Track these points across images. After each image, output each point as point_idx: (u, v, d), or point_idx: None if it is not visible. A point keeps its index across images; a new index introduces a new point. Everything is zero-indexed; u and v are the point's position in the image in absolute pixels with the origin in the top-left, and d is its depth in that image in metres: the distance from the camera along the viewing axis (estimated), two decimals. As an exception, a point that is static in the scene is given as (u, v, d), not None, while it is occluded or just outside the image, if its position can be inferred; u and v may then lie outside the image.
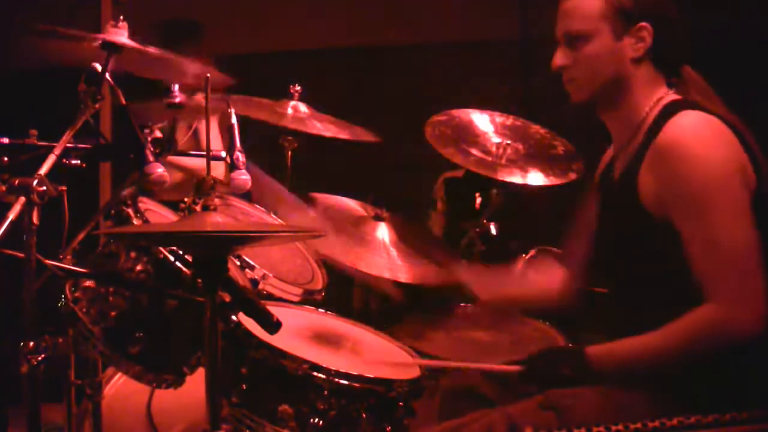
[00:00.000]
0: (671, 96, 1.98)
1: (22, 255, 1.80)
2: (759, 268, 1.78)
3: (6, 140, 2.00)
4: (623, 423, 1.64)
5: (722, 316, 1.78)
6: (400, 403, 2.00)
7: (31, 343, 1.80)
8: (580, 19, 1.97)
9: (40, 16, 1.89)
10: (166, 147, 2.14)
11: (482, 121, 2.97)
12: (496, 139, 2.89)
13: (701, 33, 2.05)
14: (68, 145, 1.90)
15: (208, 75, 1.86)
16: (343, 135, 2.90)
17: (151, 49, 1.96)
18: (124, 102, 2.05)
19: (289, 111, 2.95)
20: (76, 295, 2.02)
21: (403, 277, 2.48)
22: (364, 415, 1.94)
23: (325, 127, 2.90)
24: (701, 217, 1.81)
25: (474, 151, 2.84)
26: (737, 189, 1.82)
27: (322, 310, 2.38)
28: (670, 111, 1.92)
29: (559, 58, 2.01)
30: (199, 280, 1.67)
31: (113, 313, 2.01)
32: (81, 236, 2.10)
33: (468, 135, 2.91)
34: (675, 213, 1.84)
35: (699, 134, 1.86)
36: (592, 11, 1.95)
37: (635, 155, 1.95)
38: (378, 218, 2.67)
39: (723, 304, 1.78)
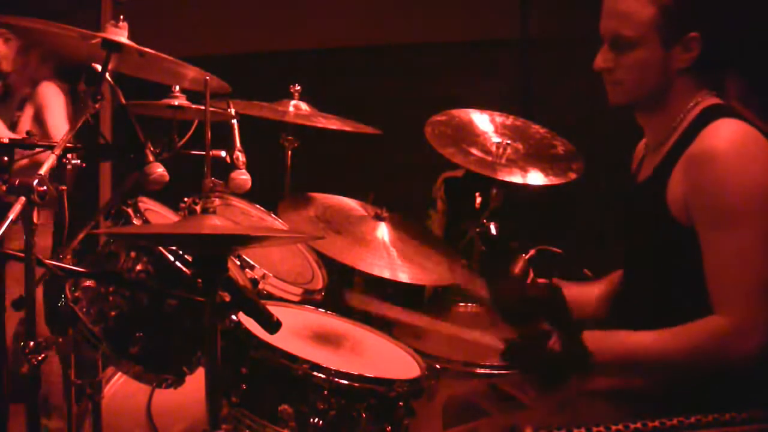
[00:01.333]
0: (709, 99, 1.93)
1: (22, 255, 1.80)
2: None
3: (6, 140, 2.00)
4: (623, 423, 1.64)
5: (729, 330, 1.76)
6: (400, 403, 2.00)
7: (31, 343, 1.80)
8: (631, 25, 1.88)
9: (40, 16, 1.89)
10: (166, 147, 2.14)
11: (482, 121, 2.97)
12: (496, 139, 2.89)
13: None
14: (68, 145, 1.90)
15: (208, 77, 1.86)
16: (347, 127, 2.91)
17: (150, 51, 1.96)
18: (124, 102, 2.05)
19: (291, 110, 2.96)
20: (76, 295, 2.02)
21: (404, 277, 2.48)
22: (364, 415, 1.94)
23: (328, 122, 2.91)
24: (730, 231, 1.77)
25: (474, 151, 2.84)
26: None
27: (322, 310, 2.38)
28: (707, 117, 1.88)
29: (602, 60, 1.94)
30: (199, 280, 1.67)
31: (113, 313, 2.01)
32: (81, 236, 2.10)
33: (468, 135, 2.91)
34: (701, 221, 1.81)
35: (738, 146, 1.81)
36: (643, 18, 1.87)
37: (666, 159, 1.92)
38: (378, 218, 2.67)
39: (732, 318, 1.76)
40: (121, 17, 1.97)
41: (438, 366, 2.31)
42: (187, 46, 3.20)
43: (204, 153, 1.80)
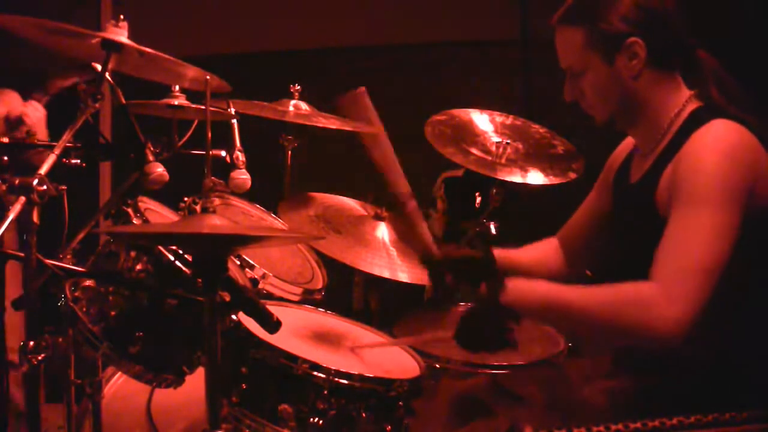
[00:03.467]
0: (694, 102, 1.95)
1: (22, 255, 1.80)
2: (708, 288, 1.74)
3: (6, 140, 2.00)
4: (623, 423, 1.64)
5: (654, 298, 1.73)
6: (400, 403, 2.00)
7: (31, 343, 1.80)
8: (571, 54, 1.97)
9: (39, 16, 1.89)
10: (166, 147, 2.14)
11: (482, 120, 2.97)
12: (496, 139, 2.89)
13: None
14: (68, 144, 1.90)
15: (208, 77, 1.86)
16: (347, 127, 2.91)
17: (150, 50, 1.96)
18: (124, 102, 2.05)
19: (291, 110, 2.96)
20: (76, 295, 2.02)
21: (403, 277, 2.48)
22: (364, 415, 1.94)
23: (328, 122, 2.91)
24: (691, 210, 1.78)
25: (474, 151, 2.84)
26: (734, 212, 1.78)
27: (322, 310, 2.38)
28: (698, 119, 1.89)
29: (568, 93, 2.02)
30: (199, 280, 1.67)
31: (113, 313, 2.01)
32: (81, 236, 2.10)
33: (468, 135, 2.91)
34: (673, 203, 1.83)
35: (724, 144, 1.82)
36: (576, 45, 1.94)
37: (657, 162, 1.93)
38: (378, 218, 2.67)
39: (662, 289, 1.74)
40: (121, 17, 1.97)
41: (438, 366, 2.31)
42: (187, 46, 3.20)
43: (204, 153, 1.80)
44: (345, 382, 1.93)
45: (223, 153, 2.29)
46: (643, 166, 2.00)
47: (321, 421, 1.91)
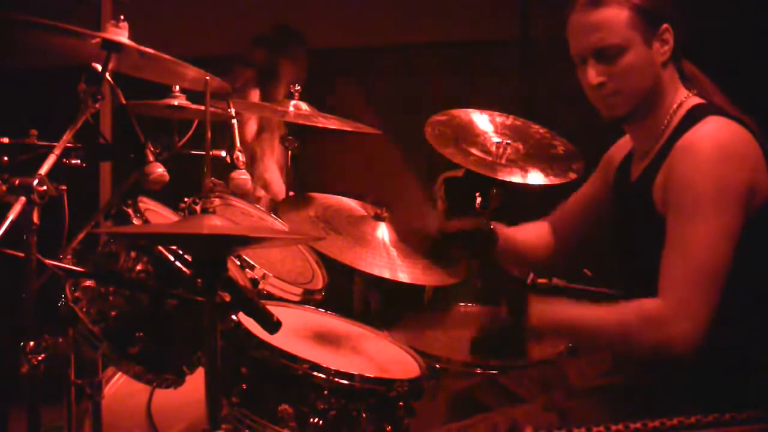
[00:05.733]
0: (694, 99, 1.96)
1: (22, 255, 1.80)
2: (716, 294, 1.76)
3: (6, 140, 2.00)
4: (623, 423, 1.64)
5: (664, 316, 1.77)
6: (400, 403, 2.00)
7: (31, 343, 1.80)
8: (613, 33, 1.92)
9: (40, 16, 1.89)
10: (166, 147, 2.14)
11: (482, 120, 2.97)
12: (496, 139, 2.88)
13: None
14: (68, 145, 1.89)
15: (208, 78, 1.86)
16: (347, 127, 2.91)
17: (150, 51, 1.96)
18: (124, 102, 2.05)
19: (291, 110, 2.96)
20: (76, 295, 2.02)
21: (404, 277, 2.48)
22: (364, 415, 1.94)
23: (328, 122, 2.91)
24: (687, 220, 1.79)
25: (474, 151, 2.84)
26: (735, 213, 1.79)
27: (322, 310, 2.38)
28: (695, 116, 1.90)
29: (595, 76, 1.95)
30: (199, 280, 1.67)
31: (113, 313, 2.01)
32: (81, 236, 2.10)
33: (468, 135, 2.90)
34: (669, 209, 1.84)
35: (717, 142, 1.83)
36: (621, 22, 1.91)
37: (655, 159, 1.94)
38: (378, 218, 2.67)
39: (670, 305, 1.77)
40: (121, 17, 1.97)
41: (438, 366, 2.31)
42: (187, 46, 3.20)
43: (204, 153, 1.80)
44: (345, 382, 1.93)
45: (223, 153, 2.29)
46: (641, 165, 2.00)
47: (321, 422, 1.91)
